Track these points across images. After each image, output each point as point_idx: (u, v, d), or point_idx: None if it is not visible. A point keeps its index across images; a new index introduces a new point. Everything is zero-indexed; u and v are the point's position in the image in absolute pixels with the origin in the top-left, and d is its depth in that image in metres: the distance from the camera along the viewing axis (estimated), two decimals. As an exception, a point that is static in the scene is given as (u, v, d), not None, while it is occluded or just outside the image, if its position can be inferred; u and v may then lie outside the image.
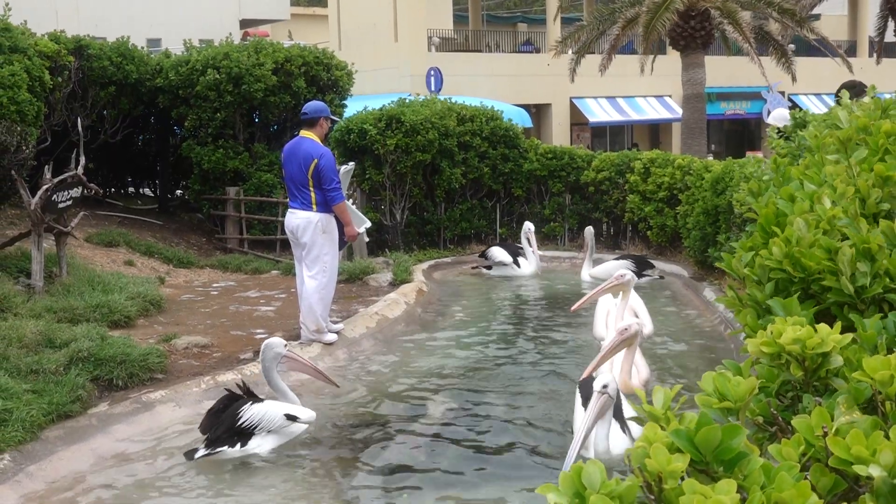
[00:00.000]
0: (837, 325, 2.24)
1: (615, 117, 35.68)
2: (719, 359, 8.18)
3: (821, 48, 30.79)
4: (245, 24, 38.92)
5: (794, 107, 28.28)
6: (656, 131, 39.75)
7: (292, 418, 6.54)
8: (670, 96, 35.82)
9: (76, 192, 10.42)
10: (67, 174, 10.22)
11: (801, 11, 27.69)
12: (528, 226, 13.79)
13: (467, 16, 38.82)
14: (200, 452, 6.13)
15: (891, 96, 4.57)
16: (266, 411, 6.41)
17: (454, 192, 15.52)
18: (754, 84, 33.54)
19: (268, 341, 6.93)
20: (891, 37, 31.57)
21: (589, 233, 13.62)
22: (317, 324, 8.72)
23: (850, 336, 2.23)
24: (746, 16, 26.55)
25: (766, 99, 37.46)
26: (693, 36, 25.33)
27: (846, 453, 1.73)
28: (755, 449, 1.74)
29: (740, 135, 41.94)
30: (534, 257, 13.67)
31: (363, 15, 33.50)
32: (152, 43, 28.25)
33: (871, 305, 2.60)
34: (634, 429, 6.05)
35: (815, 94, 37.95)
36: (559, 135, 33.94)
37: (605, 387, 5.73)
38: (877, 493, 1.69)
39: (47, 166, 10.07)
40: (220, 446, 6.19)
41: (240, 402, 6.44)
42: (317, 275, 8.60)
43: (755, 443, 2.09)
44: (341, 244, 9.10)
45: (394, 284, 11.84)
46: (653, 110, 36.51)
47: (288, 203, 8.87)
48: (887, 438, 1.74)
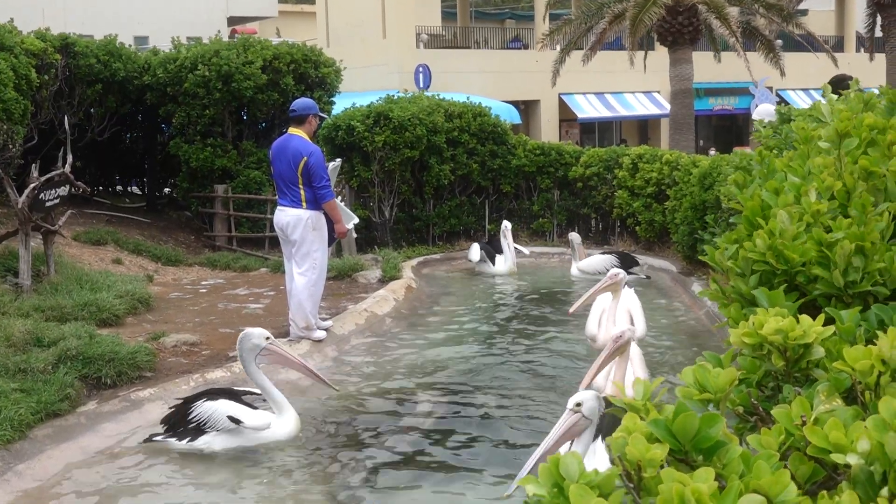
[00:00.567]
0: (820, 316, 2.26)
1: (604, 113, 35.74)
2: (705, 353, 8.23)
3: (806, 44, 30.90)
4: (233, 21, 38.87)
5: (781, 102, 28.38)
6: (645, 127, 39.83)
7: (235, 421, 6.23)
8: (659, 92, 35.89)
9: (63, 190, 10.40)
10: (55, 172, 10.19)
11: (787, 7, 27.76)
12: (504, 224, 13.81)
13: (455, 12, 38.83)
14: (158, 437, 6.29)
15: (873, 90, 4.60)
16: (214, 410, 6.24)
17: (443, 188, 15.53)
18: (742, 80, 33.60)
19: (246, 331, 6.59)
20: (877, 32, 31.67)
21: (575, 238, 13.69)
22: (306, 321, 8.73)
23: (831, 328, 2.25)
24: (734, 11, 26.60)
25: (754, 94, 37.56)
26: (681, 31, 25.38)
27: (824, 442, 1.75)
28: (734, 438, 1.76)
29: (728, 130, 42.04)
30: (510, 255, 13.61)
31: (351, 12, 33.47)
32: (140, 41, 28.21)
33: (856, 299, 2.62)
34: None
35: (803, 90, 38.07)
36: (548, 131, 33.98)
37: (578, 405, 4.92)
38: (854, 480, 1.71)
39: (34, 165, 10.04)
40: (168, 436, 6.28)
41: (198, 396, 6.43)
42: (306, 272, 8.60)
43: (737, 433, 2.11)
44: (330, 241, 9.10)
45: (383, 281, 11.84)
46: (641, 106, 36.58)
47: (277, 200, 8.87)
48: (866, 428, 1.76)
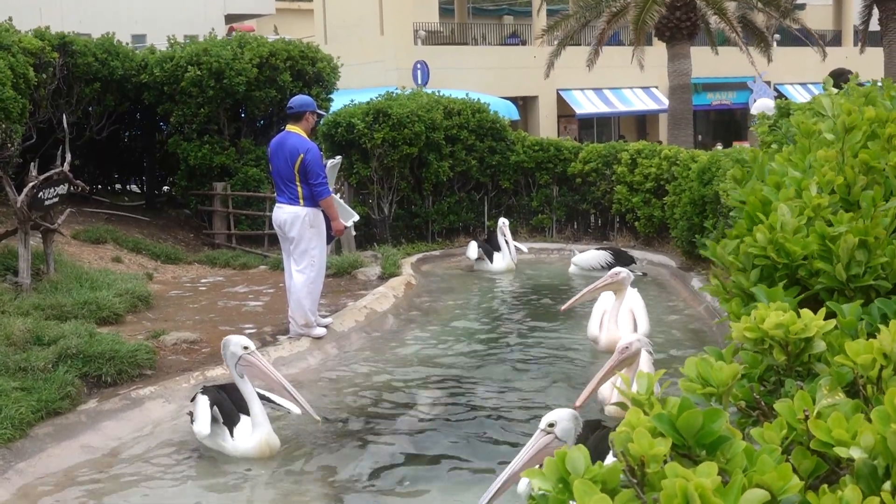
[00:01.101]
0: (822, 311, 2.26)
1: (602, 109, 35.71)
2: (705, 347, 8.23)
3: (802, 38, 30.90)
4: (230, 19, 38.82)
5: (779, 96, 28.40)
6: (643, 122, 39.81)
7: (190, 418, 6.29)
8: (657, 87, 35.87)
9: (62, 189, 10.38)
10: (53, 171, 10.17)
11: (784, 2, 27.76)
12: (502, 221, 13.76)
13: (453, 8, 38.79)
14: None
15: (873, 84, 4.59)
16: (196, 403, 6.29)
17: (442, 185, 15.52)
18: (740, 74, 33.59)
19: (226, 337, 6.50)
20: (875, 25, 31.65)
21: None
22: (305, 318, 8.72)
23: (833, 322, 2.25)
24: (732, 6, 26.60)
25: (752, 89, 37.55)
26: (679, 27, 25.36)
27: (827, 436, 1.75)
28: (737, 433, 1.76)
29: (727, 125, 42.03)
30: (507, 253, 13.57)
31: (349, 9, 33.44)
32: (137, 39, 28.18)
33: (858, 293, 2.62)
34: None
35: (801, 84, 38.05)
36: (546, 127, 33.96)
37: (551, 425, 4.57)
38: (857, 474, 1.71)
39: (33, 163, 10.03)
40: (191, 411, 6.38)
41: (210, 387, 6.51)
42: (304, 269, 8.60)
43: (739, 427, 2.11)
44: (329, 239, 9.10)
45: (382, 278, 11.84)
46: (640, 101, 36.56)
47: (275, 198, 8.87)
48: (868, 421, 1.76)
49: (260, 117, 15.81)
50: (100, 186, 17.42)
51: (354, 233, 11.23)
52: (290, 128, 8.71)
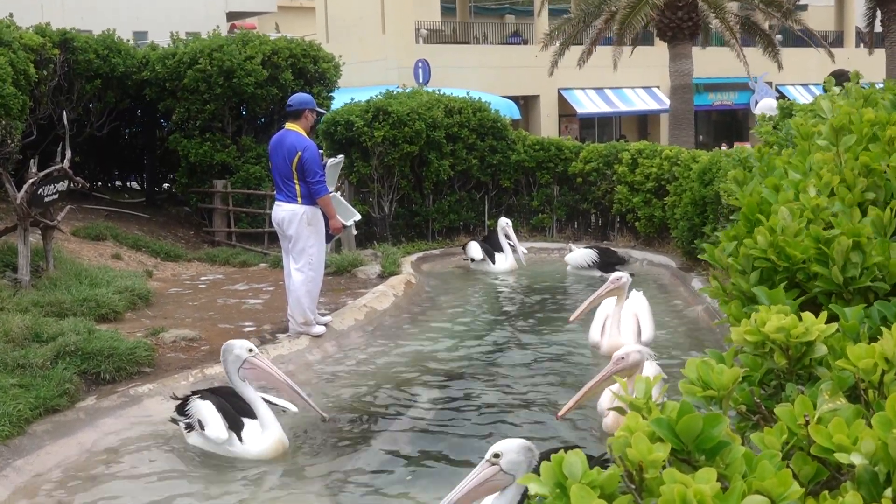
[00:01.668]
0: (823, 314, 2.24)
1: (603, 108, 35.70)
2: (706, 349, 8.21)
3: (805, 38, 30.87)
4: (232, 16, 38.82)
5: (781, 97, 28.34)
6: (644, 122, 39.78)
7: (201, 425, 6.17)
8: (658, 87, 35.86)
9: (62, 185, 10.38)
10: (53, 168, 10.16)
11: (787, 2, 27.72)
12: (503, 221, 13.62)
13: (455, 7, 38.74)
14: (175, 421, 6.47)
15: (871, 86, 4.58)
16: (197, 410, 6.20)
17: (442, 183, 15.50)
18: (742, 75, 33.56)
19: (227, 343, 6.37)
20: (877, 27, 31.64)
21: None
22: (304, 316, 8.71)
23: (834, 325, 2.23)
24: (733, 6, 26.59)
25: (753, 89, 37.52)
26: (680, 27, 25.35)
27: (828, 441, 1.73)
28: (737, 438, 1.75)
29: (728, 126, 42.01)
30: (510, 253, 13.48)
31: (350, 7, 33.43)
32: (138, 36, 28.16)
33: (856, 295, 2.61)
34: None
35: (803, 85, 38.04)
36: (547, 126, 33.94)
37: (497, 456, 4.05)
38: (858, 480, 1.69)
39: (33, 160, 10.02)
40: (179, 417, 6.39)
41: (201, 391, 6.47)
42: (303, 267, 8.59)
43: (738, 432, 2.09)
44: (327, 237, 9.09)
45: (382, 277, 11.82)
46: (641, 101, 36.54)
47: (275, 196, 8.86)
48: (870, 427, 1.75)
49: (261, 115, 15.80)
50: (100, 183, 17.41)
51: (356, 231, 11.21)
52: (289, 126, 8.70)
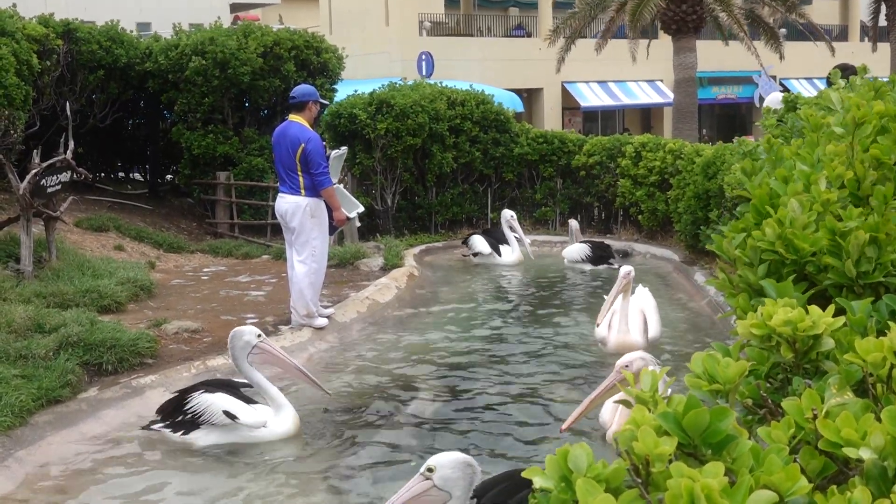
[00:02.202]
0: (830, 307, 2.22)
1: (607, 102, 35.67)
2: (709, 342, 8.19)
3: (807, 33, 30.81)
4: (235, 7, 38.82)
5: (785, 90, 28.29)
6: (648, 116, 39.75)
7: (231, 416, 6.10)
8: (662, 81, 35.80)
9: (65, 176, 10.36)
10: (56, 159, 10.16)
11: (791, -4, 27.72)
12: (507, 213, 13.45)
13: (458, 0, 38.68)
14: (155, 426, 6.23)
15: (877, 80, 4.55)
16: (210, 404, 6.11)
17: (445, 176, 15.47)
18: (745, 68, 33.50)
19: (236, 329, 6.44)
20: (882, 21, 31.57)
21: (573, 225, 13.78)
22: (307, 308, 8.70)
23: (841, 319, 2.21)
24: (738, 0, 26.52)
25: (757, 83, 37.44)
26: (685, 20, 25.30)
27: (836, 436, 1.71)
28: (744, 432, 1.73)
29: (731, 119, 41.97)
30: (515, 245, 13.36)
31: (354, -1, 33.40)
32: (142, 27, 28.15)
33: (867, 289, 2.59)
34: None
35: (807, 79, 37.99)
36: (551, 119, 33.92)
37: (430, 470, 3.85)
38: (867, 475, 1.67)
39: (36, 151, 10.01)
40: (164, 426, 6.21)
41: (196, 388, 6.28)
42: (306, 259, 8.57)
43: (744, 425, 2.07)
44: (331, 229, 9.07)
45: (385, 269, 11.81)
46: (644, 95, 36.50)
47: (278, 187, 8.85)
48: (878, 421, 1.73)
49: (264, 107, 15.78)
50: (103, 174, 17.40)
51: (359, 224, 11.19)
52: (292, 117, 8.68)
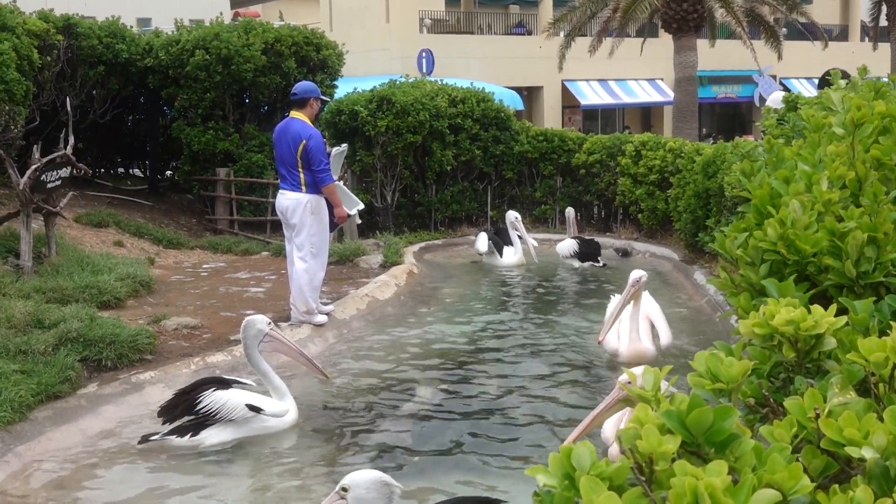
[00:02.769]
0: (832, 307, 2.22)
1: (607, 100, 35.67)
2: (709, 341, 8.18)
3: (807, 32, 30.82)
4: (236, 3, 38.76)
5: (785, 90, 28.30)
6: (648, 114, 39.74)
7: (255, 409, 6.16)
8: (662, 79, 35.81)
9: (65, 172, 10.36)
10: (56, 154, 10.15)
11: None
12: (512, 215, 13.27)
13: (459, -3, 38.67)
14: (156, 436, 6.01)
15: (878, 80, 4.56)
16: (228, 399, 6.10)
17: (445, 174, 15.46)
18: (745, 68, 33.49)
19: (249, 318, 6.60)
20: (883, 21, 31.59)
21: (570, 213, 13.74)
22: (306, 305, 8.70)
23: (843, 318, 2.21)
24: (739, -1, 26.56)
25: (757, 83, 37.43)
26: (685, 19, 25.29)
27: (838, 435, 1.71)
28: (747, 431, 1.73)
29: (731, 118, 41.98)
30: (518, 246, 13.22)
31: (354, -4, 33.38)
32: (142, 22, 28.12)
33: (867, 289, 2.59)
34: None
35: (807, 78, 37.96)
36: (551, 117, 33.91)
37: (345, 489, 3.84)
38: (869, 475, 1.67)
39: (36, 146, 10.00)
40: (170, 434, 6.04)
41: (204, 387, 6.18)
42: (306, 256, 8.57)
43: (746, 424, 2.08)
44: (332, 226, 9.07)
45: (384, 266, 11.81)
46: (644, 93, 36.50)
47: (279, 184, 8.85)
48: (880, 420, 1.73)
49: (264, 103, 15.78)
50: (103, 170, 17.42)
51: (359, 221, 11.19)
52: (293, 114, 8.68)
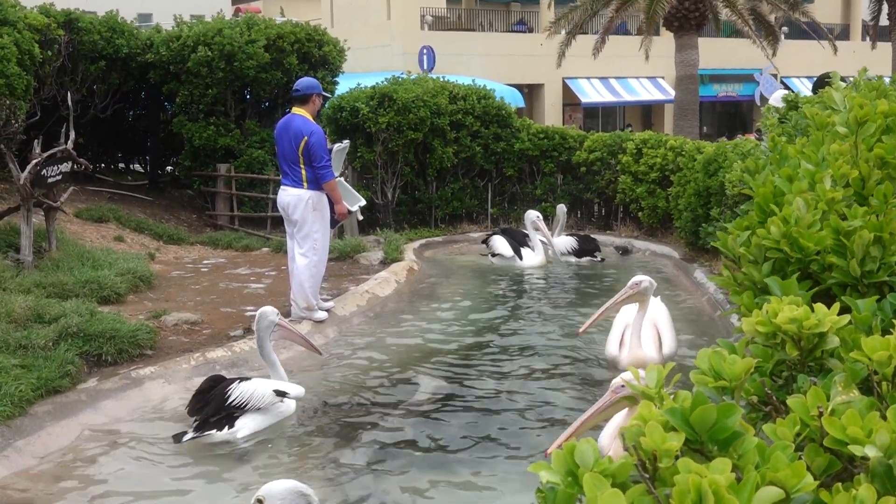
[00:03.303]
0: (835, 305, 2.22)
1: (608, 98, 35.65)
2: (710, 339, 8.18)
3: (811, 32, 30.80)
4: None
5: (786, 89, 28.29)
6: (648, 112, 39.73)
7: (282, 394, 6.42)
8: (663, 78, 35.77)
9: (66, 166, 10.36)
10: (57, 149, 10.15)
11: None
12: (533, 214, 12.86)
13: (461, -6, 38.64)
14: (188, 435, 6.01)
15: (880, 79, 4.56)
16: (255, 388, 6.29)
17: (446, 171, 15.46)
18: (747, 66, 33.49)
19: (262, 310, 6.89)
20: (884, 20, 31.56)
21: (560, 210, 13.66)
22: (307, 301, 8.70)
23: (846, 317, 2.21)
24: (741, -1, 26.54)
25: (758, 81, 37.44)
26: (687, 17, 25.28)
27: (842, 433, 1.71)
28: (750, 428, 1.73)
29: (732, 117, 41.96)
30: (540, 247, 12.87)
31: (356, -8, 33.35)
32: (143, 18, 28.10)
33: (871, 288, 2.59)
34: None
35: (808, 77, 37.90)
36: (551, 115, 33.90)
37: (260, 501, 3.76)
38: (872, 473, 1.67)
39: (37, 141, 10.00)
40: (208, 430, 6.07)
41: (227, 381, 6.33)
42: (307, 252, 8.57)
43: (749, 422, 2.08)
44: (332, 223, 9.07)
45: (384, 263, 11.81)
46: (645, 91, 36.48)
47: (280, 180, 8.85)
48: (883, 419, 1.73)
49: (265, 99, 15.77)
50: (103, 165, 17.40)
51: (361, 217, 11.19)
52: (295, 110, 8.68)
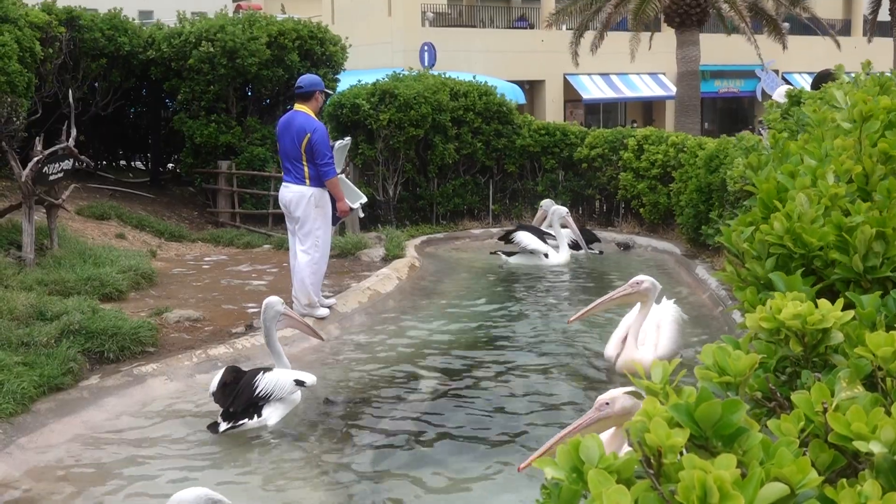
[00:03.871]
0: (839, 301, 2.22)
1: (609, 94, 35.63)
2: (712, 335, 8.18)
3: (812, 26, 30.78)
4: (238, -4, 38.70)
5: (787, 85, 28.27)
6: (650, 109, 39.71)
7: (300, 383, 6.60)
8: (664, 74, 35.75)
9: (67, 164, 10.36)
10: (58, 146, 10.15)
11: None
12: (562, 210, 12.69)
13: (461, -9, 38.59)
14: (223, 426, 6.15)
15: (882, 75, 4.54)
16: (278, 379, 6.46)
17: (447, 167, 15.45)
18: (748, 62, 33.46)
19: (268, 300, 6.98)
20: (884, 16, 31.54)
21: (553, 208, 13.24)
22: (309, 298, 8.71)
23: (851, 313, 2.21)
24: (742, -7, 26.52)
25: (760, 77, 37.42)
26: (688, 13, 25.26)
27: (846, 429, 1.71)
28: (755, 424, 1.73)
29: (734, 113, 41.93)
30: (565, 245, 12.70)
31: (357, -11, 33.33)
32: (144, 15, 28.12)
33: (874, 284, 2.59)
34: None
35: (809, 73, 37.88)
36: (553, 111, 33.88)
37: None
38: (877, 469, 1.67)
39: (38, 138, 10.00)
40: (241, 419, 6.24)
41: (252, 372, 6.48)
42: (309, 249, 8.58)
43: (753, 418, 2.08)
44: (334, 220, 9.07)
45: (386, 260, 11.81)
46: (647, 87, 36.46)
47: (282, 177, 8.85)
48: (888, 415, 1.73)
49: (266, 96, 15.75)
50: (105, 162, 17.41)
51: (362, 215, 11.19)
52: (298, 107, 8.67)
